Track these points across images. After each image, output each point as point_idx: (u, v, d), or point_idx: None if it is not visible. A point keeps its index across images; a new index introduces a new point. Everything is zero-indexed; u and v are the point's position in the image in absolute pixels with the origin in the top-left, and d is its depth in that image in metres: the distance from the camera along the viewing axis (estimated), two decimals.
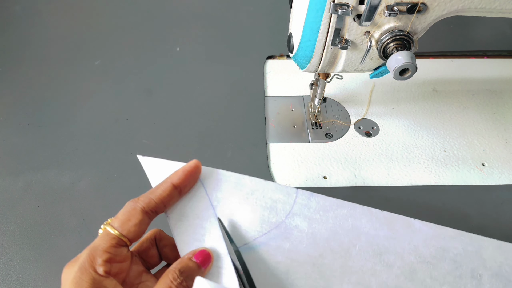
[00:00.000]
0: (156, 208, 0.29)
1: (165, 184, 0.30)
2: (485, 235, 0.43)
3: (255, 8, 0.75)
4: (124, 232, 0.27)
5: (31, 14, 0.74)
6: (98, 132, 0.53)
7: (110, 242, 0.27)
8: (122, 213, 0.28)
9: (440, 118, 0.55)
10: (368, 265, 0.32)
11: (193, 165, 0.31)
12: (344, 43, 0.37)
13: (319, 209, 0.33)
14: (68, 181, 0.48)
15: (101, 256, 0.26)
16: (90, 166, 0.49)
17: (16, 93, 0.59)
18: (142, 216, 0.28)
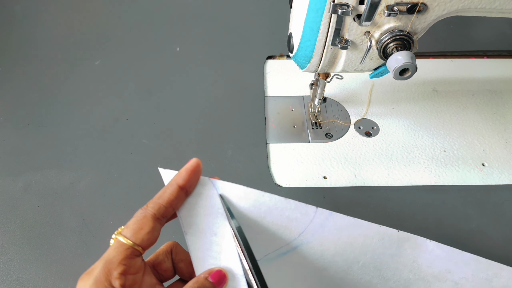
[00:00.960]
0: (166, 213, 0.29)
1: (172, 187, 0.30)
2: (485, 235, 0.43)
3: (255, 8, 0.75)
4: (138, 241, 0.27)
5: (31, 14, 0.74)
6: (98, 132, 0.53)
7: (125, 253, 0.27)
8: (133, 222, 0.28)
9: (440, 118, 0.55)
10: (366, 278, 0.33)
11: (194, 163, 0.31)
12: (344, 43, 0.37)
13: (334, 228, 0.33)
14: (68, 181, 0.48)
15: (116, 269, 0.26)
16: (90, 166, 0.49)
17: (16, 93, 0.59)
18: (154, 223, 0.28)
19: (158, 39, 0.68)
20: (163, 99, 0.58)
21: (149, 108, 0.56)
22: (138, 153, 0.51)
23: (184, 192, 0.30)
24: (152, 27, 0.70)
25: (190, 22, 0.71)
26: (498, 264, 0.35)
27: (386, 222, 0.44)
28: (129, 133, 0.53)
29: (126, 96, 0.58)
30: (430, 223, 0.44)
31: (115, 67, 0.63)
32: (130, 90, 0.59)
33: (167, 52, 0.65)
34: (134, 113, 0.56)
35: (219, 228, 0.31)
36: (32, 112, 0.56)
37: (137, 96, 0.58)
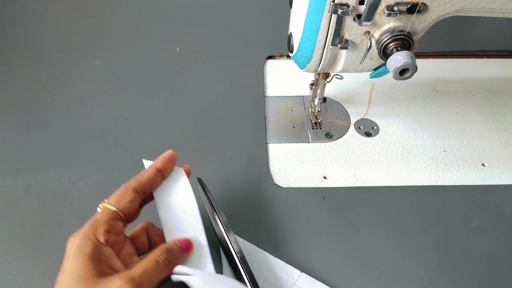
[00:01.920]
0: (145, 188, 0.35)
1: (151, 168, 0.37)
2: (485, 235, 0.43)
3: (255, 8, 0.75)
4: (120, 207, 0.33)
5: (31, 14, 0.74)
6: (98, 132, 0.53)
7: (109, 216, 0.32)
8: (117, 193, 0.34)
9: (440, 118, 0.55)
10: None
11: (170, 153, 0.38)
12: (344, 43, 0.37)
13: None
14: (68, 181, 0.48)
15: (102, 226, 0.31)
16: (90, 166, 0.49)
17: (16, 93, 0.59)
18: (134, 194, 0.34)
19: (158, 39, 0.68)
20: (163, 99, 0.58)
21: (149, 108, 0.56)
22: (138, 153, 0.51)
23: (161, 174, 0.37)
24: (152, 27, 0.70)
25: (190, 22, 0.71)
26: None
27: (386, 222, 0.44)
28: (129, 133, 0.53)
29: (126, 96, 0.58)
30: (430, 223, 0.44)
31: (115, 67, 0.63)
32: (130, 90, 0.59)
33: (167, 52, 0.65)
34: (134, 113, 0.56)
35: (188, 207, 0.36)
36: (32, 112, 0.56)
37: (137, 96, 0.58)
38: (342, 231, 0.43)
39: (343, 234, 0.43)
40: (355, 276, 0.40)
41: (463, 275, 0.40)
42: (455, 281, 0.39)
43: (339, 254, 0.41)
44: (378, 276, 0.40)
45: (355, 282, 0.39)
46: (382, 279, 0.40)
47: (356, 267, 0.40)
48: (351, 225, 0.44)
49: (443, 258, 0.41)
